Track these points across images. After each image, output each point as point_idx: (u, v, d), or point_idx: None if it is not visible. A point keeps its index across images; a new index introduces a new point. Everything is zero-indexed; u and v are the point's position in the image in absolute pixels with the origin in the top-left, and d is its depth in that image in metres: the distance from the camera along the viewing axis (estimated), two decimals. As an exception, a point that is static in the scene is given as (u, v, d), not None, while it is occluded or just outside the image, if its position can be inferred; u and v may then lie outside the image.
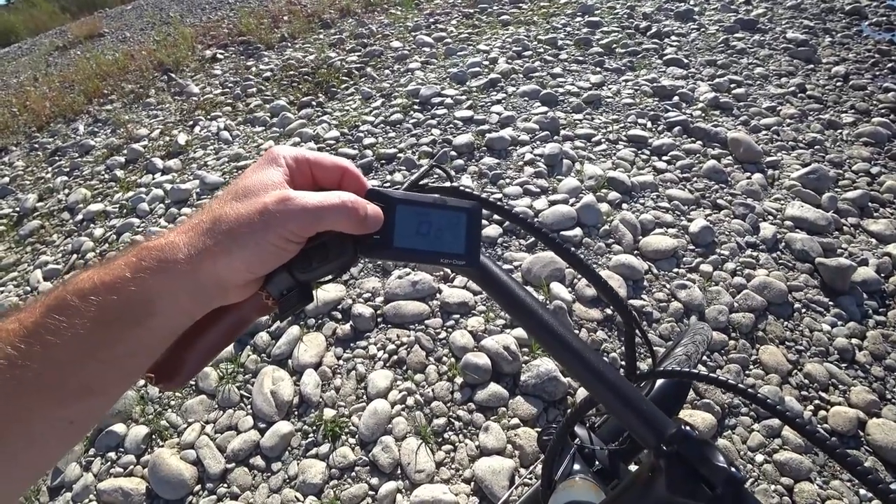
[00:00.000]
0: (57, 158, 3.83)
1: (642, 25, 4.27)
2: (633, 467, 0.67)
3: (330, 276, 0.36)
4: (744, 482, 0.30)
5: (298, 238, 0.32)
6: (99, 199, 3.16)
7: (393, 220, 0.35)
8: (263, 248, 0.31)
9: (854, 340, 1.79)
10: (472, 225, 0.36)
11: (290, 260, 0.34)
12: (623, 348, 1.73)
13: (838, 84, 3.39)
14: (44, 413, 0.26)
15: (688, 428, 0.32)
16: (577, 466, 0.57)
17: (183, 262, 0.29)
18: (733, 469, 0.29)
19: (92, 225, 2.91)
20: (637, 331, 0.43)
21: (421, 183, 0.42)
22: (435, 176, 2.27)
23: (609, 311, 1.88)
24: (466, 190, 0.39)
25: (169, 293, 0.29)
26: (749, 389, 0.37)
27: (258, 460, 1.56)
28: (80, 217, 2.99)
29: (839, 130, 2.93)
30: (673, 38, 4.09)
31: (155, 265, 0.29)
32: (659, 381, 0.74)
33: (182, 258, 0.30)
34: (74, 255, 2.67)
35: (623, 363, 1.82)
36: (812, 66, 3.62)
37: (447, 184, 0.40)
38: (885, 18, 4.38)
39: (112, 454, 1.65)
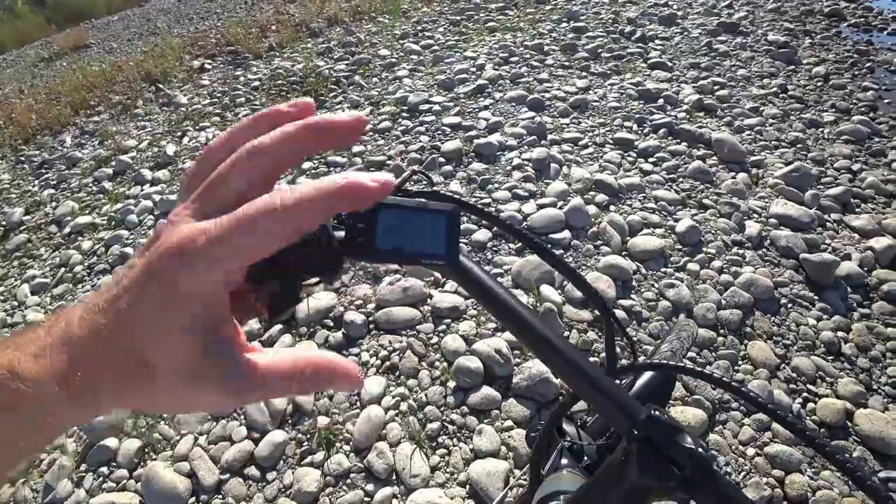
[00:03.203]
0: (44, 171, 3.80)
1: (627, 30, 4.33)
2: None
3: (317, 280, 0.37)
4: (711, 461, 0.31)
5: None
6: (87, 211, 3.13)
7: (376, 223, 0.36)
8: None
9: (840, 333, 1.83)
10: (451, 227, 0.37)
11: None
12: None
13: (819, 84, 3.46)
14: None
15: (657, 413, 0.33)
16: (564, 461, 0.58)
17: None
18: (700, 450, 0.31)
19: (80, 238, 2.89)
20: (615, 323, 0.45)
21: (403, 188, 0.44)
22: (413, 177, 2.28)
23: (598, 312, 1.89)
24: (446, 193, 0.40)
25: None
26: (733, 383, 0.39)
27: (253, 470, 1.55)
28: (67, 230, 2.96)
29: (821, 129, 2.99)
30: (657, 42, 4.16)
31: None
32: (645, 377, 0.75)
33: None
34: (62, 269, 2.64)
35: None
36: (793, 67, 3.70)
37: (427, 188, 0.42)
38: (862, 20, 4.48)
39: (104, 469, 1.63)
